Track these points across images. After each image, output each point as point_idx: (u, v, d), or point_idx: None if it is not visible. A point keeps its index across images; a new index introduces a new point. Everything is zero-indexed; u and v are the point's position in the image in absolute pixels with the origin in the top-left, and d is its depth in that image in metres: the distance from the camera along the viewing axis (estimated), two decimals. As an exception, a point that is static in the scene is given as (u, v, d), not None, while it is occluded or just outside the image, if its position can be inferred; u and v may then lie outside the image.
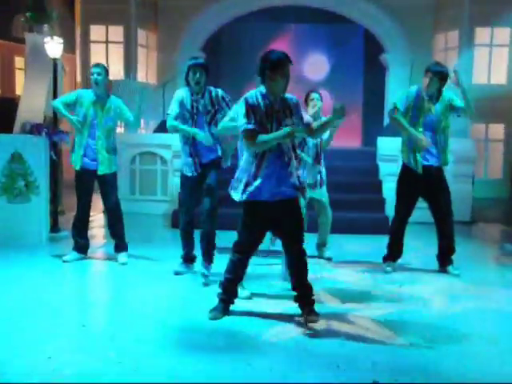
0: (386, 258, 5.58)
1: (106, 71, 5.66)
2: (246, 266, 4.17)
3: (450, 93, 5.44)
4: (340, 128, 5.44)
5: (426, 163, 5.36)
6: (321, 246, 6.21)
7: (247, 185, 3.92)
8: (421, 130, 5.30)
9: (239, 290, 4.30)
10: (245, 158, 3.99)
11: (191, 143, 5.08)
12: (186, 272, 5.27)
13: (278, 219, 4.01)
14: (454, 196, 5.69)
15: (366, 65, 16.33)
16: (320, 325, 3.93)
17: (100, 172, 5.66)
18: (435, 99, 5.36)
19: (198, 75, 5.01)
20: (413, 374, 3.17)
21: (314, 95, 5.82)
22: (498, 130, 15.85)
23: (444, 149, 5.40)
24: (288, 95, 4.00)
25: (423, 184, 5.39)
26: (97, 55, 15.59)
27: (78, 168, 5.72)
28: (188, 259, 5.35)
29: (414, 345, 3.62)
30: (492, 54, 15.69)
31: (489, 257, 6.66)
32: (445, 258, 5.58)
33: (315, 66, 16.17)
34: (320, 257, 6.10)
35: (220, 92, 5.17)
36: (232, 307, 4.18)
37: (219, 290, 4.17)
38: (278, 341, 3.66)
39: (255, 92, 3.94)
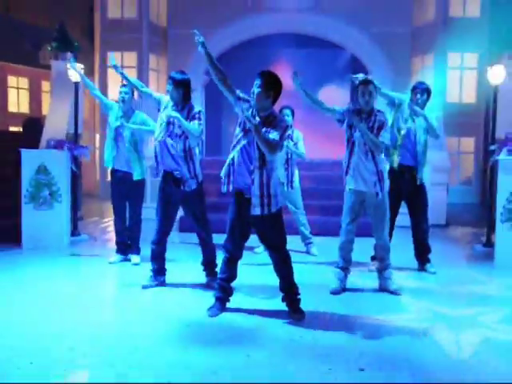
0: (374, 258, 5.48)
1: (132, 91, 5.66)
2: (236, 264, 4.07)
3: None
4: (327, 141, 5.44)
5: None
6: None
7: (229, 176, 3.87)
8: None
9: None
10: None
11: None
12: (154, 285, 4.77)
13: (256, 226, 3.95)
14: (431, 202, 5.67)
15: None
16: (314, 320, 3.92)
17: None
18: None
19: (169, 89, 4.56)
20: (398, 362, 3.15)
21: (285, 111, 6.02)
22: (469, 143, 15.90)
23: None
24: (280, 116, 3.99)
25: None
26: (113, 79, 15.59)
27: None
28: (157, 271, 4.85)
29: (400, 334, 3.60)
30: (463, 75, 15.78)
31: (461, 256, 6.63)
32: (421, 258, 5.56)
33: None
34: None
35: (197, 109, 4.61)
36: (231, 304, 4.12)
37: (215, 289, 4.11)
38: (275, 334, 3.63)
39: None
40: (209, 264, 4.80)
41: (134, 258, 5.71)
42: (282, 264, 3.99)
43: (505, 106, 7.32)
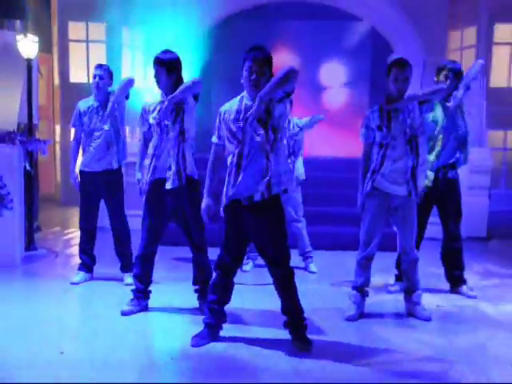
0: (398, 277, 5.59)
1: (110, 73, 5.75)
2: (231, 284, 4.20)
3: None
4: (345, 133, 5.56)
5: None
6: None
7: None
8: None
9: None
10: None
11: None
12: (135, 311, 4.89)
13: (256, 232, 4.06)
14: (468, 210, 5.75)
15: (373, 65, 16.39)
16: (323, 351, 4.01)
17: None
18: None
19: (155, 73, 4.69)
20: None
21: None
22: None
23: None
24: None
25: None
26: (76, 55, 15.64)
27: None
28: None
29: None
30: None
31: (506, 276, 6.69)
32: (453, 278, 5.69)
33: (319, 67, 16.23)
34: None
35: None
36: (222, 332, 4.22)
37: (205, 314, 4.23)
38: (276, 368, 3.72)
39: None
40: (202, 284, 4.88)
41: (127, 278, 5.76)
42: (286, 282, 4.09)
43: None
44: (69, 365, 3.78)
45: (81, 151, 5.90)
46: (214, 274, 4.19)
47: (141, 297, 4.89)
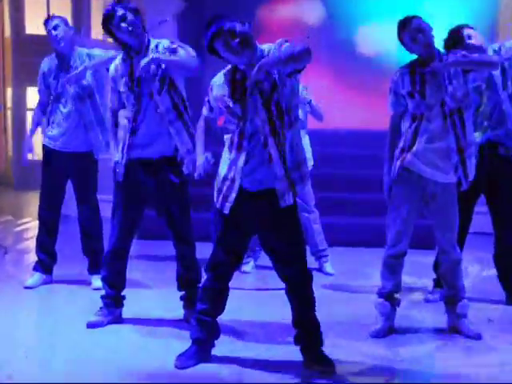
0: (437, 281, 5.53)
1: (66, 23, 5.75)
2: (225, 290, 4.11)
3: None
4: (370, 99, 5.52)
5: None
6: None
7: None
8: None
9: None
10: None
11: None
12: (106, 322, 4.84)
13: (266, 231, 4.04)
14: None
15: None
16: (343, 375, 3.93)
17: None
18: None
19: (127, 21, 4.58)
20: None
21: None
22: None
23: None
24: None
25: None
26: (33, 5, 15.55)
27: None
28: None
29: None
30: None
31: None
32: (508, 285, 5.60)
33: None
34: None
35: (166, 43, 4.68)
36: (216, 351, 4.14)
37: (192, 327, 4.15)
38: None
39: None
40: (189, 288, 4.83)
41: (96, 280, 5.69)
42: (301, 288, 4.01)
43: None
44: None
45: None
46: (205, 277, 4.11)
47: (112, 304, 4.82)
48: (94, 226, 5.86)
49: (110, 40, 4.84)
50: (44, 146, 5.82)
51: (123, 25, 4.55)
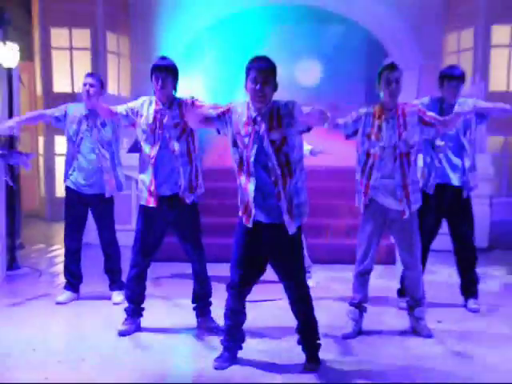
0: (401, 292, 5.56)
1: (101, 82, 5.80)
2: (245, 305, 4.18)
3: None
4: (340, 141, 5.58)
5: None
6: None
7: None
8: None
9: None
10: None
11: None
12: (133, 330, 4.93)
13: (274, 253, 4.07)
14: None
15: (368, 69, 16.40)
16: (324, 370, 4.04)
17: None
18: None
19: (160, 82, 4.61)
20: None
21: None
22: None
23: None
24: (282, 101, 3.97)
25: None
26: (59, 63, 15.57)
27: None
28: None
29: None
30: None
31: (509, 288, 6.72)
32: (465, 291, 5.73)
33: (311, 70, 16.31)
34: None
35: (190, 101, 4.66)
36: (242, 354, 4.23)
37: (222, 337, 4.22)
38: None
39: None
40: (201, 300, 4.91)
41: (116, 296, 5.80)
42: (302, 300, 4.12)
43: None
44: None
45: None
46: (227, 296, 4.16)
47: (134, 315, 4.92)
48: (114, 250, 5.89)
49: (125, 94, 4.87)
50: (67, 188, 5.82)
51: (159, 82, 4.60)
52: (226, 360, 4.11)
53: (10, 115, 7.62)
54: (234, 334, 4.17)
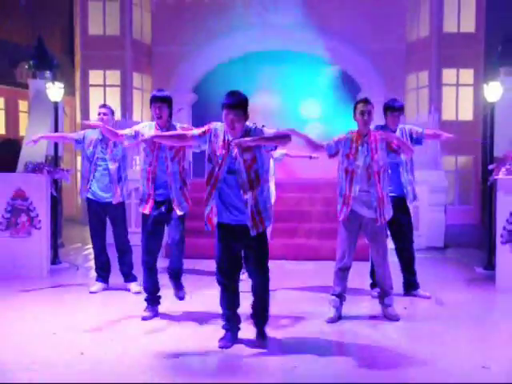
0: (373, 285, 5.50)
1: (112, 111, 5.75)
2: (235, 294, 4.06)
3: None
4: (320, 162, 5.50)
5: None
6: None
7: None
8: None
9: None
10: None
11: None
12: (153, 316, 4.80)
13: (247, 248, 3.95)
14: (429, 223, 5.70)
15: (345, 103, 16.42)
16: (307, 349, 3.92)
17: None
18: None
19: (157, 110, 4.54)
20: None
21: None
22: (467, 161, 16.07)
23: None
24: (252, 127, 3.84)
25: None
26: (95, 98, 15.65)
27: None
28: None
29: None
30: (459, 92, 16.00)
31: (461, 280, 6.64)
32: (408, 284, 5.61)
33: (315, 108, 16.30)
34: None
35: (185, 127, 4.66)
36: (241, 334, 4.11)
37: (222, 322, 4.10)
38: (269, 365, 3.65)
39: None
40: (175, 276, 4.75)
41: (134, 287, 5.71)
42: (265, 286, 4.02)
43: (502, 124, 7.41)
44: (89, 363, 3.68)
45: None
46: (220, 289, 4.03)
47: (153, 303, 4.81)
48: (126, 246, 5.78)
49: (147, 120, 4.79)
50: (88, 199, 5.75)
51: (155, 111, 4.52)
52: (229, 340, 4.00)
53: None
54: (233, 320, 4.06)
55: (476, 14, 15.85)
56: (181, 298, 4.77)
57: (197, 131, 3.92)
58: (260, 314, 4.07)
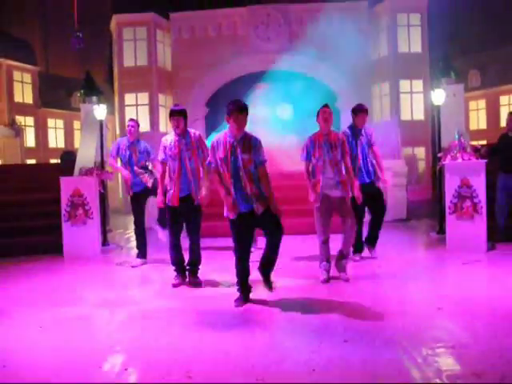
0: (354, 251, 5.29)
1: (138, 124, 5.76)
2: (247, 264, 3.89)
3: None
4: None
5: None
6: None
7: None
8: None
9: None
10: None
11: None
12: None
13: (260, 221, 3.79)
14: (394, 200, 5.62)
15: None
16: (305, 304, 3.89)
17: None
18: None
19: (175, 122, 4.42)
20: (373, 332, 3.14)
21: None
22: (420, 151, 16.02)
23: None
24: (253, 135, 3.78)
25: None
26: (130, 115, 15.58)
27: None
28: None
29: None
30: (412, 98, 15.93)
31: (419, 242, 6.63)
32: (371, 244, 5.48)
33: (285, 110, 16.28)
34: None
35: (197, 133, 4.56)
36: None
37: (237, 286, 3.96)
38: (276, 318, 3.60)
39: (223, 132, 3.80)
40: (194, 266, 4.63)
41: (136, 261, 5.66)
42: (280, 241, 3.81)
43: (447, 121, 7.36)
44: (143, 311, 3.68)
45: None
46: (236, 262, 3.88)
47: (180, 273, 4.62)
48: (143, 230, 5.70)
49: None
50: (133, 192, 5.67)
51: (173, 122, 4.43)
52: (242, 300, 3.86)
53: (101, 148, 7.71)
54: (242, 283, 3.92)
55: (421, 38, 15.92)
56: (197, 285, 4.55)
57: (210, 155, 3.83)
58: (271, 265, 3.87)
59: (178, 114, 4.45)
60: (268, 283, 3.96)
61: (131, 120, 5.77)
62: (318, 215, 4.48)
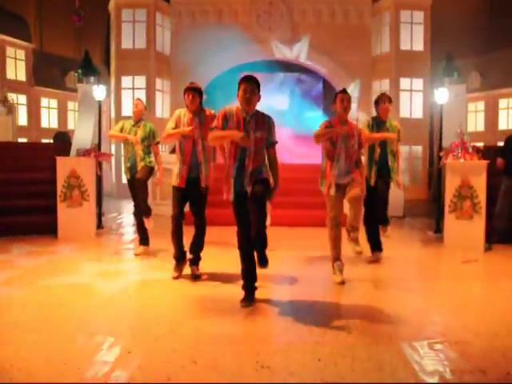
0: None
1: (144, 106, 5.51)
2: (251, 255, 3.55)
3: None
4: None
5: None
6: None
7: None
8: None
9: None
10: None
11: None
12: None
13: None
14: (391, 199, 5.58)
15: (325, 104, 16.31)
16: (304, 291, 3.90)
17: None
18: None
19: (191, 97, 4.27)
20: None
21: None
22: (418, 150, 16.09)
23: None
24: (265, 113, 3.57)
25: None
26: (126, 98, 15.50)
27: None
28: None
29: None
30: (412, 96, 15.99)
31: (417, 240, 6.70)
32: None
33: (284, 102, 16.29)
34: None
35: (212, 112, 4.31)
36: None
37: (244, 283, 3.70)
38: (280, 309, 3.57)
39: (235, 106, 3.53)
40: (196, 253, 4.46)
41: (139, 249, 5.47)
42: (263, 210, 3.45)
43: (447, 121, 7.39)
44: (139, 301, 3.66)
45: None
46: (240, 252, 3.61)
47: (180, 264, 4.42)
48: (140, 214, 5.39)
49: (166, 116, 4.51)
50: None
51: (188, 98, 4.26)
52: (249, 301, 3.58)
53: (99, 130, 7.67)
54: (248, 276, 3.66)
55: (424, 37, 15.96)
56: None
57: (218, 123, 3.50)
58: (262, 241, 3.35)
59: (193, 90, 4.30)
60: (263, 259, 3.37)
61: (138, 100, 5.57)
62: (331, 201, 4.24)
